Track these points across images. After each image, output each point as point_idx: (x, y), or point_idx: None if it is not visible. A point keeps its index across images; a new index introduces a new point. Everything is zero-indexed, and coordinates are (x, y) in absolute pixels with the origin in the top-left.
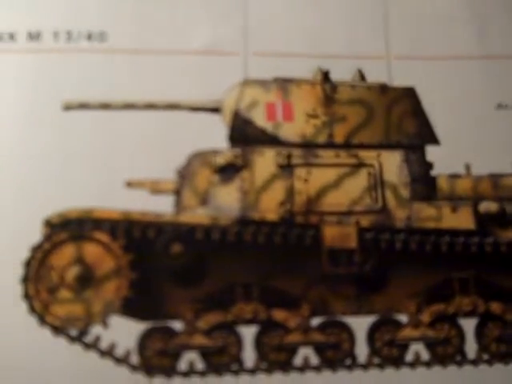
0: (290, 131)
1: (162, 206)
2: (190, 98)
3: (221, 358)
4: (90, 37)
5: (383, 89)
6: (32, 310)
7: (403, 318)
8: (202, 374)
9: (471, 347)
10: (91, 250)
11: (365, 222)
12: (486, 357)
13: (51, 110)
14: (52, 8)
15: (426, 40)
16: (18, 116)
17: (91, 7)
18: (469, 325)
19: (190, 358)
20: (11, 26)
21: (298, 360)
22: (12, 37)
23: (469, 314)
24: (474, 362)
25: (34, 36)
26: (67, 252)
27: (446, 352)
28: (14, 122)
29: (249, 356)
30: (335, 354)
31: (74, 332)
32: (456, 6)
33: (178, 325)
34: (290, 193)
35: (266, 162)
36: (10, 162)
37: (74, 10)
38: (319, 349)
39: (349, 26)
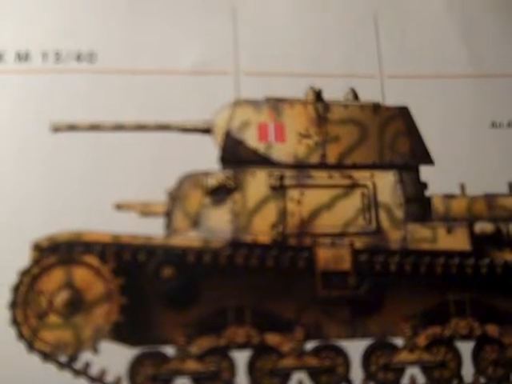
0: (283, 151)
1: (152, 229)
2: (180, 118)
3: None
4: (79, 57)
5: (376, 108)
6: (20, 335)
7: (399, 341)
8: None
9: (468, 371)
10: (81, 274)
11: (359, 243)
12: (483, 380)
13: (40, 132)
14: (41, 28)
15: (419, 59)
16: (6, 137)
17: (80, 28)
18: (465, 348)
19: None
20: (0, 47)
21: None
22: (0, 57)
23: (465, 337)
24: None
25: (22, 56)
26: (56, 276)
27: (442, 376)
28: (2, 144)
29: (242, 381)
30: (330, 379)
31: (63, 358)
32: (448, 25)
33: (169, 350)
34: (283, 214)
35: (258, 183)
36: None
37: (63, 31)
38: (313, 373)
39: (341, 45)
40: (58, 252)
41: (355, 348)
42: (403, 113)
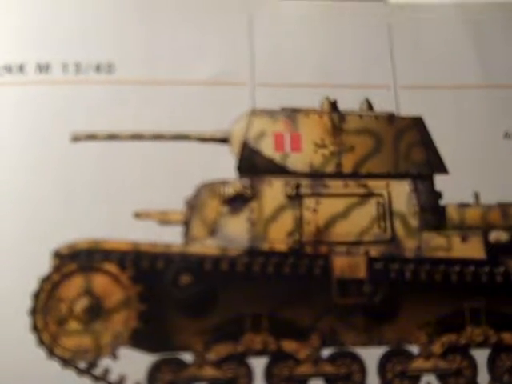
0: (298, 161)
1: (170, 237)
2: (197, 128)
3: None
4: (98, 68)
5: (391, 118)
6: (41, 342)
7: (414, 348)
8: None
9: (484, 378)
10: (100, 282)
11: (374, 252)
12: None
13: (59, 141)
14: (61, 40)
15: (433, 70)
16: (27, 147)
17: (99, 39)
18: (481, 355)
19: None
20: (20, 58)
21: None
22: (21, 69)
23: (481, 345)
24: None
25: (43, 68)
26: (76, 283)
27: (458, 383)
28: (23, 154)
29: None
30: None
31: (82, 364)
32: (462, 37)
33: (187, 356)
34: (299, 223)
35: (274, 192)
36: (18, 193)
37: (83, 42)
38: (330, 380)
39: (356, 56)
40: (77, 259)
41: (371, 355)
42: (417, 123)
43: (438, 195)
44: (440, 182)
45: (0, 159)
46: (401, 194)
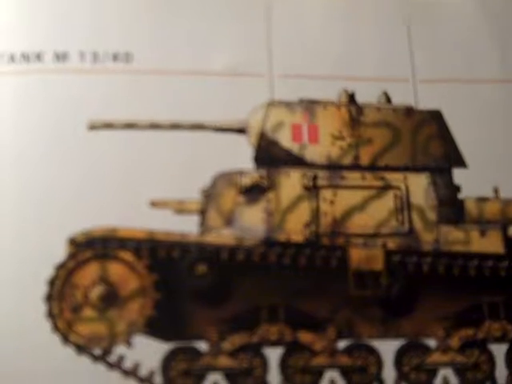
0: (316, 153)
1: (186, 226)
2: (215, 118)
3: (246, 380)
4: (115, 57)
5: (409, 111)
6: (55, 328)
7: (431, 342)
8: None
9: (502, 373)
10: (115, 269)
11: (391, 244)
12: None
13: (76, 130)
14: (78, 29)
15: (451, 64)
16: (44, 135)
17: (117, 28)
18: (499, 350)
19: (214, 380)
20: (38, 47)
21: (324, 383)
22: (39, 57)
23: (499, 340)
24: None
25: (60, 56)
26: (91, 271)
27: (475, 378)
28: (40, 142)
29: (274, 378)
30: (362, 378)
31: (97, 351)
32: (481, 30)
33: (202, 345)
34: (316, 214)
35: (291, 183)
36: (35, 180)
37: (100, 31)
38: (346, 372)
39: (374, 49)
40: (93, 247)
41: (388, 348)
42: (436, 116)
43: (457, 189)
44: (459, 176)
45: (17, 147)
46: (419, 187)
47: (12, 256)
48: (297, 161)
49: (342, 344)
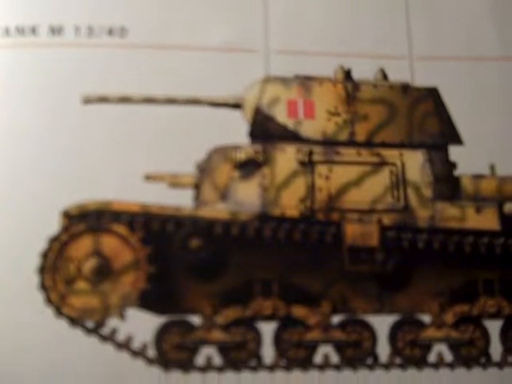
0: (311, 128)
1: (180, 200)
2: (210, 93)
3: (239, 354)
4: (110, 32)
5: (405, 88)
6: (48, 300)
7: (426, 318)
8: (220, 369)
9: (496, 349)
10: (109, 242)
11: (387, 220)
12: (511, 359)
13: (71, 103)
14: (74, 2)
15: (449, 41)
16: (38, 109)
17: (112, 3)
18: (494, 326)
19: (207, 353)
20: (33, 20)
21: (317, 358)
22: (34, 31)
23: (494, 316)
24: (499, 365)
25: (55, 30)
26: (85, 244)
27: (470, 354)
28: (34, 115)
29: (268, 352)
30: (356, 353)
31: (90, 324)
32: (480, 8)
33: (195, 319)
34: (311, 189)
35: (286, 158)
36: (29, 154)
37: (96, 5)
38: (339, 347)
39: (371, 25)
40: (86, 220)
41: (382, 323)
42: (432, 93)
43: (453, 166)
44: (455, 153)
45: (12, 121)
46: (414, 163)
47: (4, 228)
48: (292, 136)
49: (336, 319)
